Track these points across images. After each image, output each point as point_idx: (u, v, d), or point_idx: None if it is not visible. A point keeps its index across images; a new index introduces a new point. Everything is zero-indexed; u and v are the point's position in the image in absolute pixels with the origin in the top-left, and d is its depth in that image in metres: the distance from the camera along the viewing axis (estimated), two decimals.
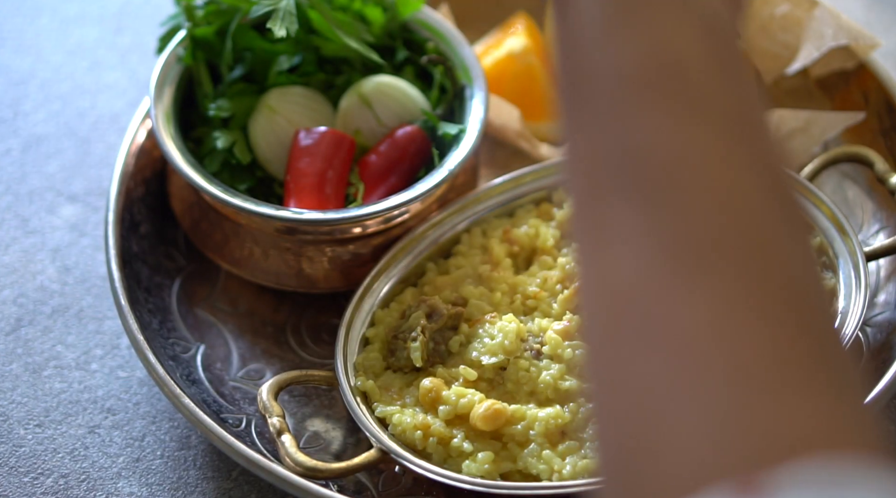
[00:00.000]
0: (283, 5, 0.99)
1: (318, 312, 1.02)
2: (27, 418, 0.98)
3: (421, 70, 1.06)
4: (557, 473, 0.86)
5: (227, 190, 0.97)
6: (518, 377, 0.91)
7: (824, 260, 0.96)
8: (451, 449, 0.88)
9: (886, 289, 0.99)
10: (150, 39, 1.08)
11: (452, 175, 0.98)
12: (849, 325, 0.89)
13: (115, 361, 1.01)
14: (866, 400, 0.44)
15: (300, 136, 0.99)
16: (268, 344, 1.01)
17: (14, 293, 1.05)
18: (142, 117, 1.08)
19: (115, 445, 0.96)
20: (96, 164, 1.15)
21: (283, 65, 1.03)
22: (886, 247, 0.96)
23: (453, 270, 0.99)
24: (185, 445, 0.96)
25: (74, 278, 1.06)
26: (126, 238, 1.02)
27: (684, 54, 0.49)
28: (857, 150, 1.01)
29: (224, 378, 0.98)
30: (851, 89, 1.09)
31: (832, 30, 1.07)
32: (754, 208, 0.46)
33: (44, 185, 1.13)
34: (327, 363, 0.98)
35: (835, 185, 1.06)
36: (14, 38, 1.26)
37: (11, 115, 1.19)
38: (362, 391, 0.92)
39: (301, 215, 0.96)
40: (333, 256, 1.00)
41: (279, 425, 0.87)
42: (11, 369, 1.01)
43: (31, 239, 1.09)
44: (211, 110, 1.02)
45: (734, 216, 0.46)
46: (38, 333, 1.03)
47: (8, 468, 0.95)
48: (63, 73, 1.23)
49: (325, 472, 0.86)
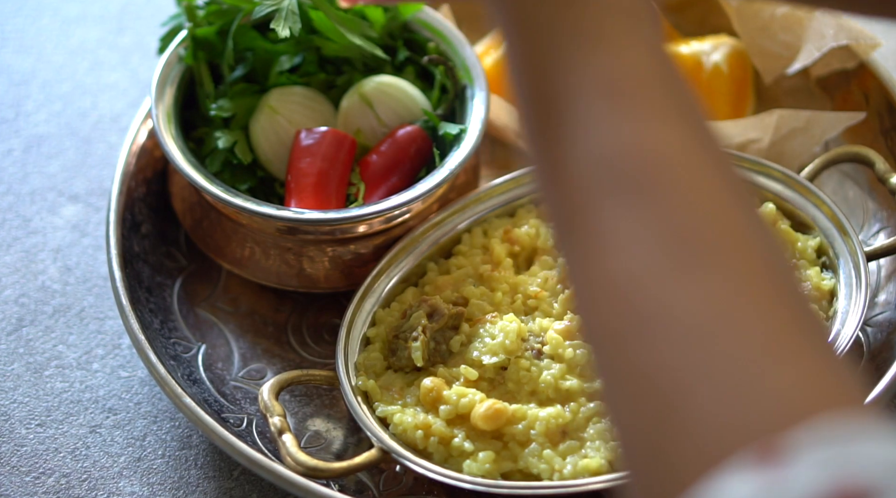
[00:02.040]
0: (286, 5, 0.99)
1: (319, 312, 1.02)
2: (29, 418, 0.98)
3: (422, 70, 1.06)
4: (558, 472, 0.86)
5: (229, 190, 0.97)
6: (519, 377, 0.91)
7: (825, 260, 0.96)
8: (452, 449, 0.88)
9: (887, 289, 0.99)
10: (152, 39, 1.08)
11: (453, 175, 0.98)
12: (849, 324, 0.89)
13: (116, 360, 1.01)
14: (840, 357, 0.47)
15: (301, 136, 0.99)
16: (269, 344, 1.01)
17: (16, 293, 1.06)
18: (143, 117, 1.08)
19: (117, 445, 0.96)
20: (97, 164, 1.15)
21: (284, 65, 1.03)
22: (887, 247, 0.96)
23: (454, 269, 0.99)
24: (187, 444, 0.96)
25: (76, 278, 1.06)
26: (127, 238, 1.02)
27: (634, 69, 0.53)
28: (857, 150, 1.01)
29: (225, 378, 0.98)
30: (852, 89, 1.09)
31: (833, 30, 1.07)
32: (726, 200, 0.50)
33: (45, 185, 1.13)
34: (328, 363, 0.98)
35: (835, 185, 1.06)
36: (15, 39, 1.26)
37: (13, 116, 1.19)
38: (363, 391, 0.92)
39: (302, 215, 0.96)
40: (334, 256, 1.00)
41: (280, 425, 0.87)
42: (13, 369, 1.01)
43: (32, 239, 1.09)
44: (212, 110, 1.02)
45: (713, 209, 0.49)
46: (39, 333, 1.03)
47: (10, 467, 0.95)
48: (64, 74, 1.23)
49: (326, 471, 0.86)
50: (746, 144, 1.05)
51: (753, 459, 0.42)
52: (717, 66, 1.09)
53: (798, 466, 0.42)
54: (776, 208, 0.97)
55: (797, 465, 0.42)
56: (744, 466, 0.42)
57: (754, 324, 0.46)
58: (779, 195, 0.99)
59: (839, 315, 0.91)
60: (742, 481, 0.42)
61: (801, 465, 0.42)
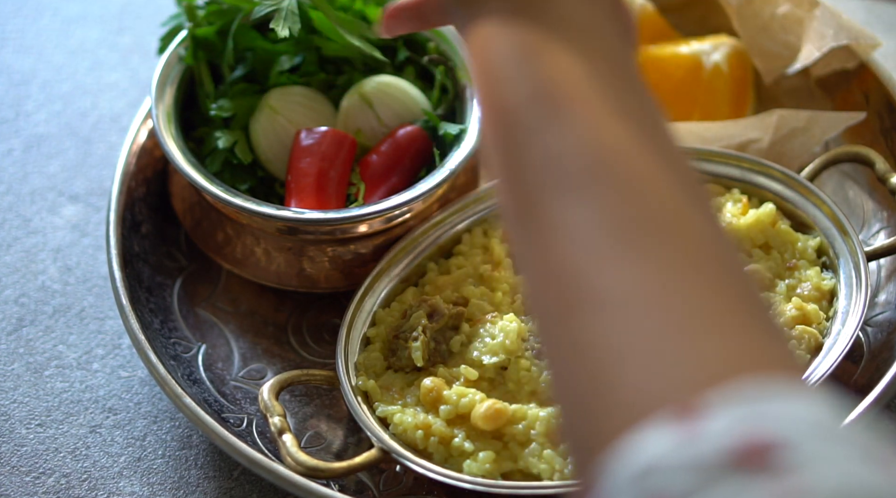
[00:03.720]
0: (286, 5, 0.99)
1: (319, 312, 1.02)
2: (29, 418, 0.98)
3: (422, 70, 1.06)
4: (559, 472, 0.86)
5: (229, 190, 0.97)
6: (519, 377, 0.91)
7: (825, 260, 0.96)
8: (452, 448, 0.88)
9: (887, 288, 0.99)
10: (152, 39, 1.08)
11: (453, 175, 0.98)
12: (849, 324, 0.89)
13: (116, 360, 1.01)
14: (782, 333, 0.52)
15: (301, 135, 0.99)
16: (269, 344, 1.01)
17: (16, 293, 1.06)
18: (143, 117, 1.08)
19: (117, 445, 0.96)
20: (98, 164, 1.15)
21: (284, 65, 1.03)
22: (887, 246, 0.96)
23: (454, 269, 0.99)
24: (187, 444, 0.96)
25: (76, 278, 1.07)
26: (127, 238, 1.02)
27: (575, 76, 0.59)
28: (857, 149, 1.01)
29: (225, 378, 0.98)
30: (852, 89, 1.09)
31: (833, 30, 1.07)
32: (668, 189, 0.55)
33: (45, 185, 1.13)
34: (328, 363, 0.98)
35: (835, 185, 1.06)
36: (15, 39, 1.26)
37: (13, 116, 1.19)
38: (363, 391, 0.92)
39: (302, 215, 0.96)
40: (334, 256, 1.00)
41: (280, 425, 0.87)
42: (13, 369, 1.01)
43: (32, 239, 1.09)
44: (212, 110, 1.02)
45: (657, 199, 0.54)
46: (39, 333, 1.03)
47: (10, 467, 0.95)
48: (64, 74, 1.23)
49: (326, 471, 0.86)
50: (746, 144, 1.05)
51: (673, 417, 0.46)
52: (717, 66, 1.09)
53: (712, 422, 0.45)
54: (776, 208, 0.97)
55: (712, 420, 0.45)
56: (663, 422, 0.46)
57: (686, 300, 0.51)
58: (779, 195, 0.99)
59: (839, 315, 0.91)
60: (660, 435, 0.46)
61: (715, 420, 0.45)
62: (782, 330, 0.52)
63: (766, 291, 0.89)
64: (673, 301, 0.51)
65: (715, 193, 1.00)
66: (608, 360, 0.50)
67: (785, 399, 0.46)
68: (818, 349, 0.89)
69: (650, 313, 0.50)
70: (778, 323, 0.51)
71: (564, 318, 0.52)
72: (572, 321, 0.52)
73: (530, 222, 0.56)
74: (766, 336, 0.50)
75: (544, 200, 0.55)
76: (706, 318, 0.50)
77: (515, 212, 0.57)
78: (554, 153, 0.56)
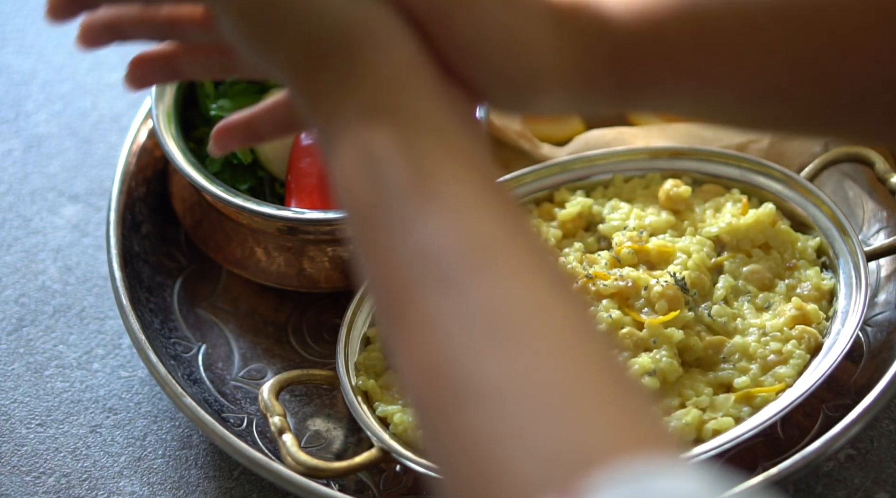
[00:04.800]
0: None
1: (319, 312, 1.02)
2: (29, 418, 0.98)
3: None
4: None
5: (229, 190, 0.97)
6: None
7: (825, 260, 0.96)
8: None
9: (887, 288, 0.99)
10: None
11: None
12: (849, 324, 0.89)
13: (116, 360, 1.01)
14: (655, 410, 0.52)
15: (301, 135, 0.99)
16: (269, 343, 1.01)
17: (16, 293, 1.06)
18: (143, 117, 1.08)
19: (117, 445, 0.96)
20: (98, 164, 1.15)
21: None
22: (887, 246, 0.96)
23: None
24: (187, 444, 0.96)
25: (76, 278, 1.07)
26: (127, 238, 1.02)
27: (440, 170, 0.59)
28: (857, 149, 1.01)
29: (225, 378, 0.98)
30: None
31: None
32: (536, 281, 0.55)
33: (45, 185, 1.13)
34: (328, 363, 0.98)
35: (835, 184, 1.06)
36: (16, 39, 1.26)
37: (13, 116, 1.19)
38: (363, 390, 0.92)
39: (302, 215, 0.96)
40: (335, 256, 1.00)
41: (280, 425, 0.87)
42: (13, 369, 1.01)
43: (32, 239, 1.09)
44: (212, 110, 1.02)
45: (525, 291, 0.55)
46: (39, 333, 1.03)
47: (10, 467, 0.95)
48: (64, 74, 1.23)
49: (326, 471, 0.86)
50: (746, 144, 1.05)
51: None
52: None
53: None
54: (776, 208, 0.97)
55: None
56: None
57: (560, 387, 0.51)
58: (779, 195, 0.99)
59: (839, 315, 0.91)
60: None
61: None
62: (654, 407, 0.52)
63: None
64: (549, 387, 0.51)
65: (715, 193, 1.00)
66: (491, 452, 0.50)
67: (666, 476, 0.46)
68: (818, 349, 0.89)
69: (528, 401, 0.51)
70: (649, 401, 0.52)
71: (446, 412, 0.52)
72: (454, 415, 0.52)
73: (402, 318, 0.56)
74: (639, 413, 0.51)
75: (415, 295, 0.55)
76: (583, 401, 0.51)
77: (387, 308, 0.57)
78: (423, 247, 0.56)
